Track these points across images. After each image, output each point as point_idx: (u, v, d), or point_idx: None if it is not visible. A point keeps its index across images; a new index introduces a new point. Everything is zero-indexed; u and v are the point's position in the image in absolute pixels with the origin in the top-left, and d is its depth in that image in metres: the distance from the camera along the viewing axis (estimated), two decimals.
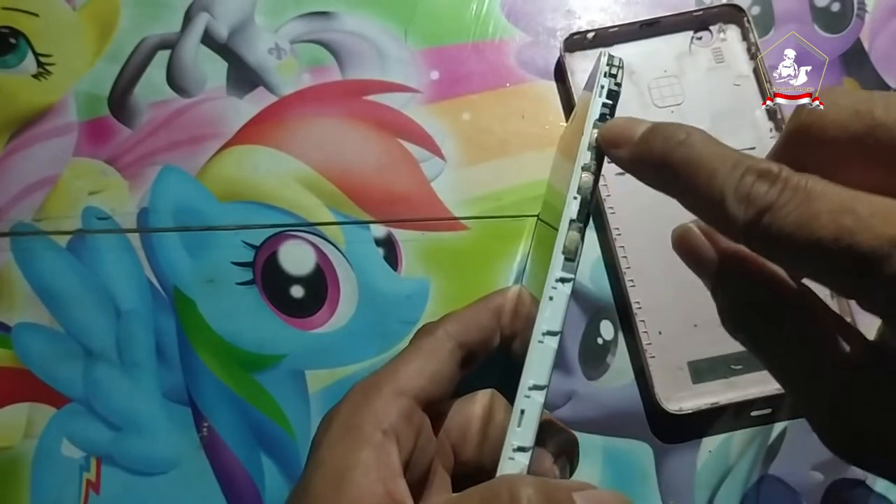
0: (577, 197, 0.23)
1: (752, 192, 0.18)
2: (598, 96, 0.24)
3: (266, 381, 0.42)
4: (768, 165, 0.19)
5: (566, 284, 0.22)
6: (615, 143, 0.23)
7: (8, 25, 0.46)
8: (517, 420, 0.22)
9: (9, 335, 0.42)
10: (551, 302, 0.22)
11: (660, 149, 0.21)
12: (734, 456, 0.41)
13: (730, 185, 0.19)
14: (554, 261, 0.23)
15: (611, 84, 0.24)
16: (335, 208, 0.44)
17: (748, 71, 0.45)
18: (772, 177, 0.18)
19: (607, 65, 0.24)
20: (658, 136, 0.21)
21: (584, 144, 0.24)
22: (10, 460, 0.41)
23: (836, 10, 0.47)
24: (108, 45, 0.46)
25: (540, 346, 0.22)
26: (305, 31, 0.46)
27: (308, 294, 0.43)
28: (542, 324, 0.22)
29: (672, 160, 0.20)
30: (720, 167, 0.19)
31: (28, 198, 0.44)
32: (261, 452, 0.41)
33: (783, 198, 0.18)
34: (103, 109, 0.45)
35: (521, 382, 0.22)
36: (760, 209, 0.18)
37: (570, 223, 0.23)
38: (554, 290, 0.22)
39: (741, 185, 0.19)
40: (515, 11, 0.47)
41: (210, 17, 0.46)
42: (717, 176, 0.19)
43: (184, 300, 0.43)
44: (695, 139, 0.20)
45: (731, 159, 0.19)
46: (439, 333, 0.27)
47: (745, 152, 0.20)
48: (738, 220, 0.18)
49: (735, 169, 0.19)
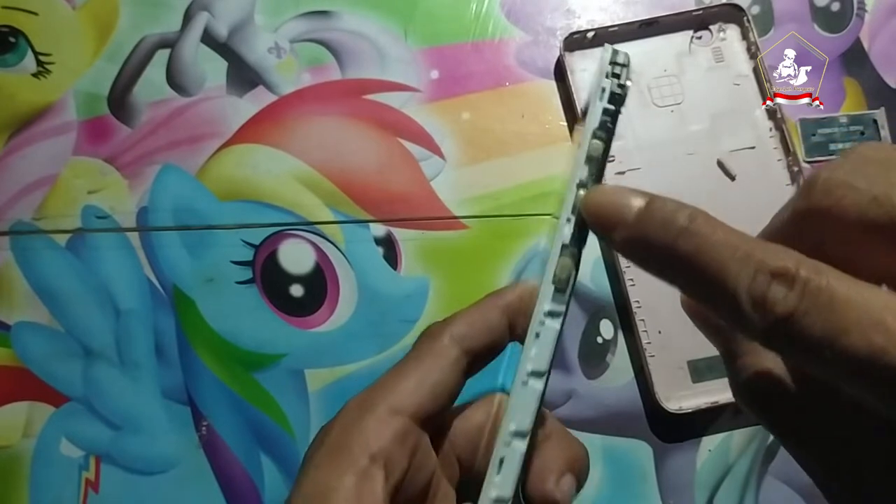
0: (571, 219, 0.20)
1: (769, 296, 0.16)
2: (598, 100, 0.20)
3: (265, 381, 0.42)
4: (784, 264, 0.16)
5: (555, 319, 0.20)
6: (604, 224, 0.19)
7: (8, 24, 0.46)
8: (496, 468, 0.19)
9: (8, 334, 0.42)
10: (538, 339, 0.19)
11: (660, 237, 0.18)
12: (734, 455, 0.41)
13: (743, 285, 0.17)
14: (542, 291, 0.20)
15: (613, 86, 0.20)
16: (335, 207, 0.44)
17: (748, 70, 0.45)
18: (789, 278, 0.16)
19: (610, 63, 0.21)
20: (656, 221, 0.18)
21: (581, 157, 0.20)
22: (10, 459, 0.41)
23: (835, 10, 0.47)
24: (107, 45, 0.46)
25: (523, 389, 0.19)
26: (305, 30, 0.46)
27: (308, 293, 0.43)
28: (527, 363, 0.19)
29: (675, 252, 0.18)
30: (730, 263, 0.17)
31: (27, 197, 0.44)
32: (260, 451, 0.41)
33: (804, 304, 0.16)
34: (103, 108, 0.45)
35: (501, 428, 0.20)
36: (780, 317, 0.16)
37: (563, 248, 0.20)
38: (541, 325, 0.19)
39: (755, 286, 0.17)
40: (515, 11, 0.47)
41: (210, 17, 0.46)
42: (728, 273, 0.17)
43: (183, 299, 0.43)
44: (699, 226, 0.18)
45: (742, 252, 0.17)
46: (444, 340, 0.25)
47: (755, 239, 0.18)
48: (754, 326, 0.17)
49: (746, 265, 0.17)
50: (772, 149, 0.44)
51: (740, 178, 0.44)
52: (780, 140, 0.44)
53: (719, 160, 0.44)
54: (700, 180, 0.43)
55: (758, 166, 0.44)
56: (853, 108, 0.45)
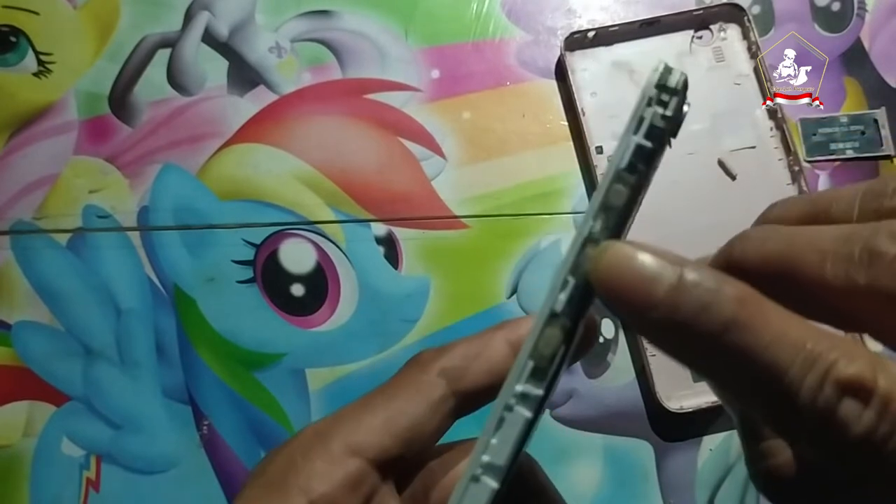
0: (570, 281, 0.15)
1: (839, 415, 0.13)
2: (631, 133, 0.15)
3: (266, 380, 0.42)
4: (857, 371, 0.13)
5: (527, 406, 0.15)
6: (621, 300, 0.15)
7: (8, 24, 0.46)
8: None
9: (9, 333, 0.42)
10: (500, 427, 0.15)
11: (700, 326, 0.14)
12: (735, 454, 0.41)
13: (806, 398, 0.13)
14: (517, 364, 0.15)
15: (656, 117, 0.15)
16: (335, 207, 0.44)
17: (748, 70, 0.45)
18: (864, 392, 0.13)
19: (656, 85, 0.15)
20: (694, 304, 0.14)
21: (596, 203, 0.15)
22: (10, 459, 0.41)
23: (836, 10, 0.47)
24: (108, 44, 0.46)
25: (474, 487, 0.15)
26: (306, 29, 0.46)
27: (308, 292, 0.43)
28: (483, 453, 0.15)
29: (719, 346, 0.14)
30: (790, 364, 0.14)
31: (28, 196, 0.44)
32: (261, 450, 0.41)
33: (883, 429, 0.13)
34: (104, 108, 0.45)
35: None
36: (853, 441, 0.13)
37: (552, 318, 0.15)
38: (508, 411, 0.15)
39: (821, 400, 0.13)
40: (516, 11, 0.47)
41: (210, 16, 0.46)
42: (787, 380, 0.14)
43: (184, 298, 0.43)
44: (750, 316, 0.14)
45: (804, 350, 0.14)
46: (430, 375, 0.20)
47: (818, 330, 0.14)
48: (820, 448, 0.14)
49: (811, 369, 0.14)
50: (772, 148, 0.44)
51: (741, 178, 0.44)
52: (781, 140, 0.44)
53: (720, 160, 0.44)
54: (701, 180, 0.43)
55: (758, 166, 0.44)
56: (853, 108, 0.45)
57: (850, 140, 0.45)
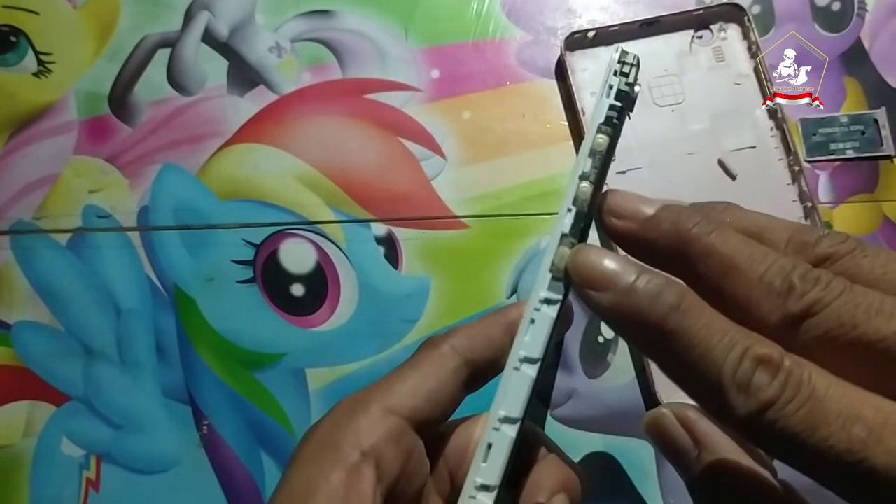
0: (573, 209, 0.20)
1: (753, 382, 0.17)
2: (604, 96, 0.21)
3: (266, 380, 0.42)
4: (769, 352, 0.17)
5: (551, 307, 0.20)
6: (592, 284, 0.19)
7: (8, 24, 0.46)
8: (483, 454, 0.19)
9: (8, 333, 0.42)
10: (532, 325, 0.20)
11: (649, 311, 0.18)
12: None
13: (729, 369, 0.17)
14: (539, 278, 0.20)
15: (621, 84, 0.21)
16: (335, 207, 0.44)
17: (748, 70, 0.45)
18: (773, 366, 0.17)
19: (619, 62, 0.21)
20: (645, 295, 0.18)
21: (585, 150, 0.21)
22: (10, 459, 0.41)
23: (836, 10, 0.47)
24: (108, 44, 0.46)
25: (515, 375, 0.19)
26: (306, 29, 0.46)
27: (308, 292, 0.43)
28: (520, 349, 0.19)
29: (663, 328, 0.18)
30: (718, 346, 0.17)
31: (28, 196, 0.44)
32: (261, 451, 0.41)
33: (787, 394, 0.16)
34: (104, 108, 0.45)
35: (490, 412, 0.20)
36: (763, 404, 0.16)
37: (562, 238, 0.20)
38: (536, 311, 0.20)
39: (741, 371, 0.17)
40: (516, 10, 0.47)
41: (210, 16, 0.46)
42: (715, 356, 0.17)
43: (184, 298, 0.43)
44: (688, 306, 0.18)
45: (729, 337, 0.17)
46: (444, 348, 0.24)
47: (740, 326, 0.18)
48: (736, 412, 0.17)
49: (733, 349, 0.17)
50: (772, 148, 0.44)
51: (741, 178, 0.44)
52: (781, 139, 0.44)
53: (720, 160, 0.44)
54: (701, 180, 0.43)
55: (759, 166, 0.44)
56: (854, 108, 0.45)
57: (851, 140, 0.45)
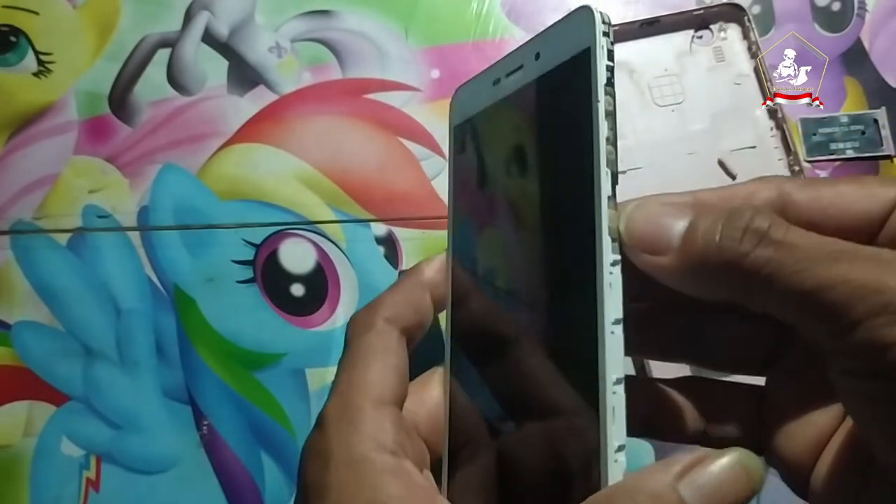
0: (609, 171, 0.21)
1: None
2: (601, 59, 0.21)
3: (266, 380, 0.42)
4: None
5: (617, 267, 0.21)
6: (651, 248, 0.21)
7: (8, 24, 0.46)
8: (611, 418, 0.20)
9: (8, 333, 0.42)
10: (611, 289, 0.20)
11: (731, 251, 0.19)
12: None
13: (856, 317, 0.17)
14: (603, 245, 0.21)
15: (608, 44, 0.21)
16: (336, 207, 0.44)
17: (748, 70, 0.45)
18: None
19: (603, 22, 0.21)
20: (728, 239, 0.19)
21: (601, 113, 0.21)
22: (10, 459, 0.41)
23: (836, 10, 0.47)
24: (108, 44, 0.46)
25: (611, 338, 0.20)
26: (306, 29, 0.46)
27: (308, 292, 0.43)
28: (610, 313, 0.20)
29: (752, 266, 0.19)
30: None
31: (28, 196, 0.44)
32: (261, 451, 0.41)
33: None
34: (103, 108, 0.45)
35: (601, 379, 0.20)
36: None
37: (609, 200, 0.21)
38: (611, 275, 0.20)
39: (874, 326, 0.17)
40: (516, 10, 0.47)
41: (210, 16, 0.46)
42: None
43: (184, 298, 0.43)
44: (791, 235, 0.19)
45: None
46: (380, 325, 0.24)
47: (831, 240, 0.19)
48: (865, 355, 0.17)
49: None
50: (772, 148, 0.44)
51: (741, 178, 0.44)
52: (781, 139, 0.44)
53: (720, 160, 0.44)
54: (701, 180, 0.43)
55: (759, 166, 0.44)
56: (854, 108, 0.45)
57: (851, 140, 0.45)
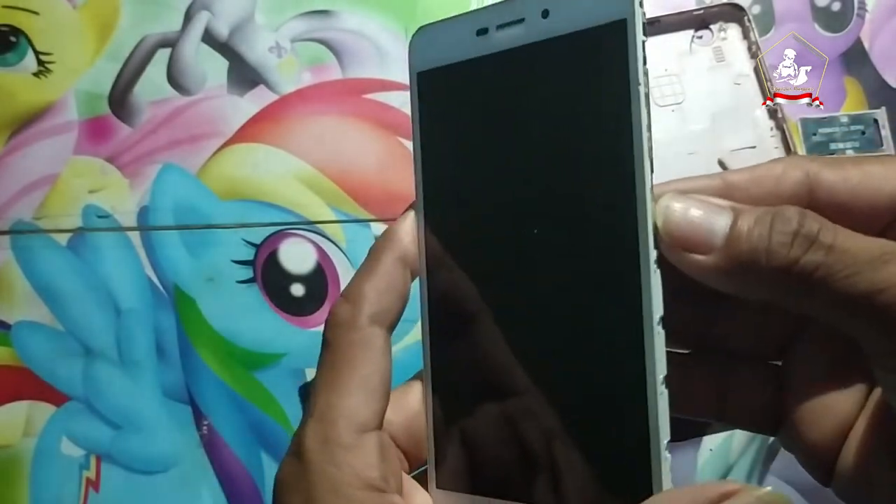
0: (650, 162, 0.20)
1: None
2: (639, 34, 0.19)
3: (266, 380, 0.42)
4: None
5: (657, 264, 0.20)
6: (692, 246, 0.19)
7: (8, 24, 0.46)
8: (659, 416, 0.20)
9: (8, 333, 0.42)
10: (656, 287, 0.20)
11: (774, 253, 0.17)
12: (735, 454, 0.41)
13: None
14: (649, 242, 0.20)
15: (643, 17, 0.19)
16: (336, 206, 0.44)
17: (748, 70, 0.45)
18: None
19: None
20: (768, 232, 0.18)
21: (641, 98, 0.19)
22: (10, 459, 0.41)
23: (836, 10, 0.47)
24: (108, 44, 0.46)
25: (658, 336, 0.20)
26: (306, 29, 0.46)
27: (308, 292, 0.43)
28: (654, 312, 0.20)
29: (802, 271, 0.17)
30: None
31: (28, 196, 0.44)
32: (261, 450, 0.41)
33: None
34: (103, 108, 0.45)
35: (648, 381, 0.20)
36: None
37: (650, 192, 0.20)
38: (654, 273, 0.20)
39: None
40: None
41: (210, 16, 0.46)
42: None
43: (184, 298, 0.42)
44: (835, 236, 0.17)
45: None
46: (365, 327, 0.21)
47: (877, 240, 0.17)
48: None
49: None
50: (772, 148, 0.44)
51: None
52: (781, 139, 0.44)
53: (720, 159, 0.44)
54: None
55: None
56: (854, 108, 0.45)
57: (851, 140, 0.45)
